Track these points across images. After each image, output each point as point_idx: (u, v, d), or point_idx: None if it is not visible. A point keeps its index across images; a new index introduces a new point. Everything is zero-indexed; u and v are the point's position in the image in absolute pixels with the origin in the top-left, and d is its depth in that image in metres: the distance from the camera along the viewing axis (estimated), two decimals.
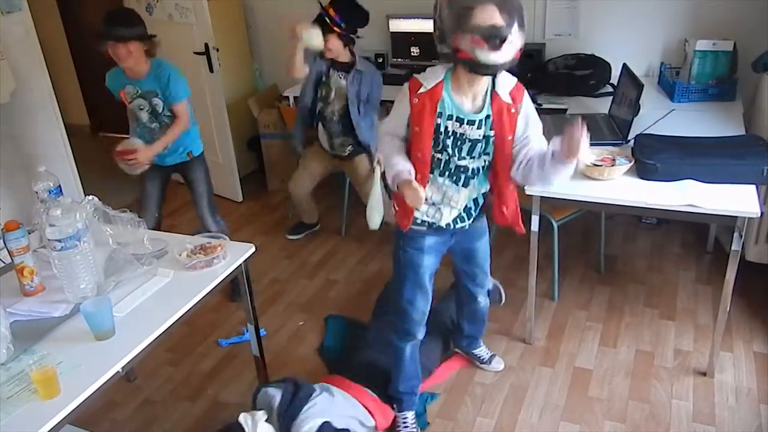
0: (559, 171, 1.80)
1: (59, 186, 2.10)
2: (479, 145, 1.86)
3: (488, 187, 2.02)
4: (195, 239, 2.10)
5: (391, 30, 3.90)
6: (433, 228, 2.02)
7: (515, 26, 1.63)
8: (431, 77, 1.81)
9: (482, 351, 2.59)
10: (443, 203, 1.97)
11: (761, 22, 3.17)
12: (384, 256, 3.44)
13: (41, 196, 2.06)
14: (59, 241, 1.72)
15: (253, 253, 2.08)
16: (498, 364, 2.56)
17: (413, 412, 2.30)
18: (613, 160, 2.37)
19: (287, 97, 3.92)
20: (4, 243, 1.84)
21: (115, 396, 2.55)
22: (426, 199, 1.92)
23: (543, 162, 1.81)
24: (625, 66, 2.92)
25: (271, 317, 3.00)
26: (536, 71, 3.40)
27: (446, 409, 2.39)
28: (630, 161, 2.35)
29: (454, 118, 1.82)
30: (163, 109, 2.75)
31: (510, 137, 1.86)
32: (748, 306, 2.81)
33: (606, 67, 3.37)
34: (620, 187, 2.29)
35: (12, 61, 3.19)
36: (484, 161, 1.92)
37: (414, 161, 1.87)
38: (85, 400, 1.49)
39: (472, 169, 1.91)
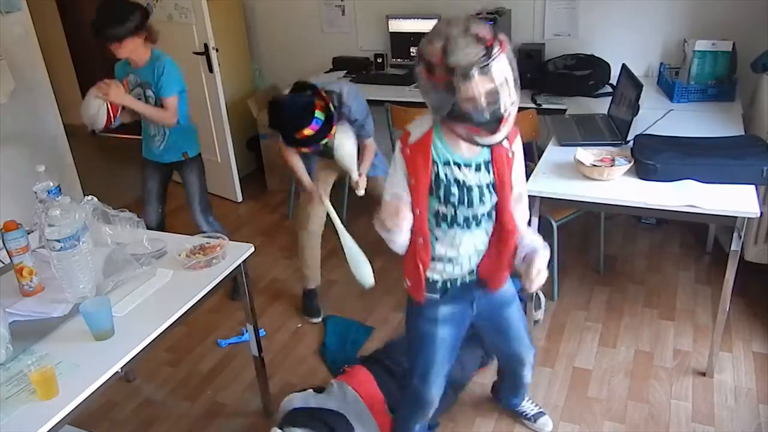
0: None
1: (58, 186, 2.10)
2: (486, 190, 1.68)
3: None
4: (194, 239, 2.10)
5: (390, 30, 3.90)
6: (449, 295, 1.80)
7: (510, 89, 1.45)
8: (419, 126, 1.63)
9: (526, 407, 2.31)
10: (459, 253, 1.75)
11: (760, 23, 3.17)
12: (384, 255, 3.43)
13: (40, 196, 2.06)
14: (58, 241, 1.72)
15: (253, 253, 2.08)
16: (545, 426, 2.26)
17: None
18: (613, 160, 2.37)
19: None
20: (3, 243, 1.84)
21: (115, 396, 2.55)
22: (437, 257, 1.75)
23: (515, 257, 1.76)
24: (624, 66, 2.92)
25: (270, 317, 3.00)
26: (535, 71, 3.40)
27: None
28: (629, 161, 2.35)
29: (452, 163, 1.64)
30: (156, 102, 2.74)
31: (510, 181, 1.70)
32: (748, 306, 2.81)
33: (605, 67, 3.37)
34: (620, 187, 2.29)
35: (11, 61, 3.20)
36: (494, 202, 1.71)
37: (414, 223, 1.67)
38: (84, 400, 1.49)
39: (482, 214, 1.71)
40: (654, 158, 2.29)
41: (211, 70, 3.75)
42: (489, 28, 1.45)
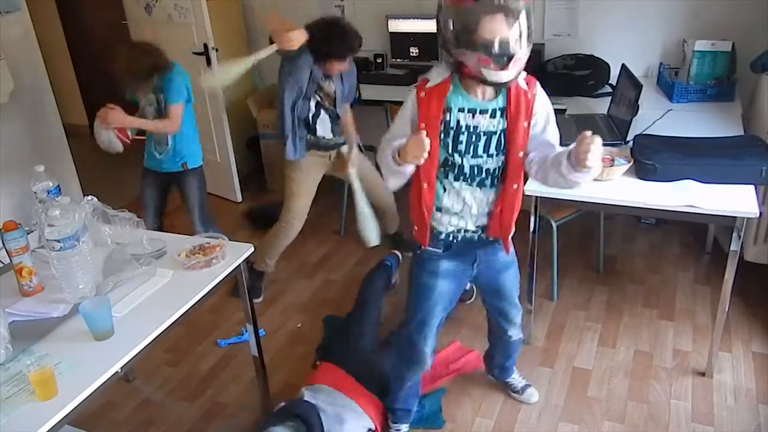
0: (573, 178, 1.64)
1: (58, 186, 2.10)
2: (494, 138, 1.72)
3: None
4: (194, 239, 2.10)
5: (390, 30, 3.90)
6: (452, 250, 1.88)
7: (524, 37, 1.54)
8: (438, 74, 1.71)
9: (515, 379, 2.43)
10: (464, 211, 1.83)
11: (760, 23, 3.17)
12: (382, 256, 3.44)
13: (40, 196, 2.06)
14: (58, 241, 1.71)
15: (252, 253, 2.08)
16: (531, 396, 2.39)
17: (407, 425, 2.27)
18: (612, 160, 2.37)
19: None
20: (3, 243, 1.84)
21: (114, 396, 2.55)
22: (443, 209, 1.82)
23: (558, 164, 1.65)
24: (624, 66, 2.93)
25: (270, 317, 3.00)
26: (535, 71, 3.39)
27: (446, 409, 2.38)
28: (629, 161, 2.35)
29: (466, 110, 1.70)
30: (165, 107, 2.78)
31: (525, 123, 1.71)
32: (747, 306, 2.81)
33: (605, 67, 3.37)
34: (619, 187, 2.29)
35: (11, 61, 3.20)
36: (501, 161, 1.77)
37: (421, 167, 1.72)
38: (83, 400, 1.49)
39: (487, 170, 1.76)
40: (653, 158, 2.29)
41: None
42: None
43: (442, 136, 1.72)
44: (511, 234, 1.89)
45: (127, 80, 2.70)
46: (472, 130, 1.71)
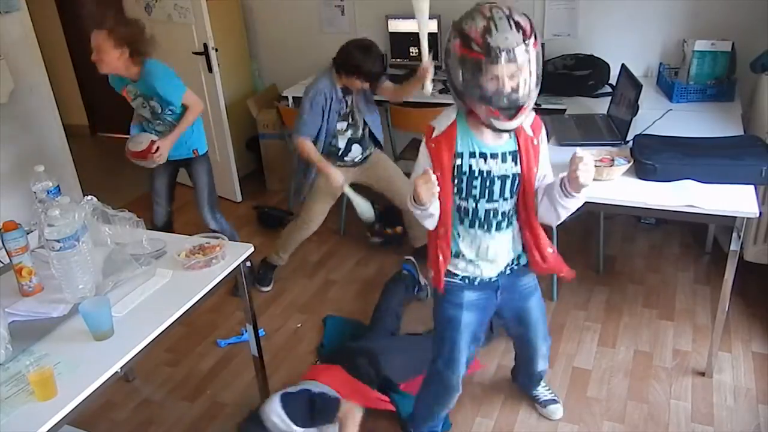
0: (565, 203, 1.67)
1: (58, 186, 2.10)
2: (508, 182, 1.71)
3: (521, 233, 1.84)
4: (194, 239, 2.10)
5: (390, 30, 3.90)
6: (473, 282, 1.86)
7: (532, 85, 1.53)
8: (443, 119, 1.70)
9: (540, 391, 2.36)
10: (479, 257, 1.81)
11: (760, 23, 3.17)
12: (383, 256, 3.44)
13: (40, 196, 2.06)
14: (58, 241, 1.72)
15: (252, 253, 2.08)
16: (553, 413, 2.30)
17: None
18: (612, 160, 2.37)
19: (286, 97, 3.92)
20: (3, 243, 1.84)
21: (114, 396, 2.55)
22: (461, 255, 1.81)
23: (551, 192, 1.69)
24: (623, 66, 2.93)
25: (269, 317, 3.00)
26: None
27: None
28: (629, 161, 2.35)
29: (477, 155, 1.68)
30: (163, 110, 2.77)
31: (535, 170, 1.72)
32: (747, 306, 2.81)
33: (605, 67, 3.37)
34: (619, 187, 2.29)
35: (11, 61, 3.19)
36: (515, 202, 1.76)
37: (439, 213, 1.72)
38: (83, 400, 1.49)
39: (503, 213, 1.75)
40: (653, 158, 2.29)
41: (210, 70, 3.75)
42: (529, 21, 1.53)
43: (455, 181, 1.70)
44: (561, 264, 1.89)
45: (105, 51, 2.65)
46: (485, 175, 1.69)
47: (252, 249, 2.08)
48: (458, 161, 1.68)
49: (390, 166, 3.20)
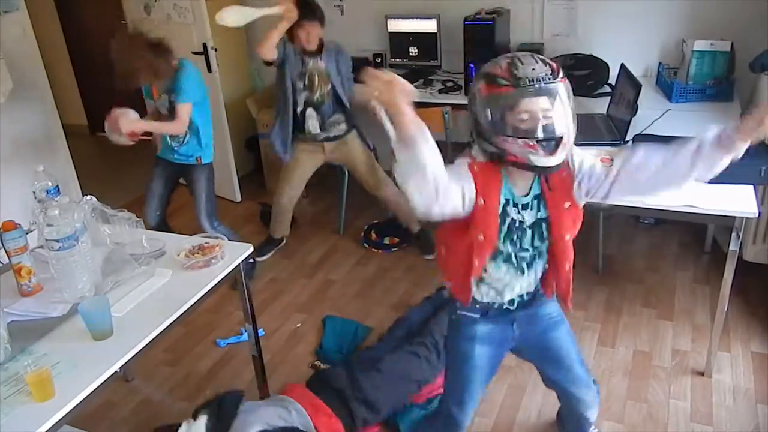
0: (714, 161, 1.55)
1: (57, 186, 2.10)
2: (538, 230, 1.61)
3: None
4: (193, 239, 2.10)
5: (389, 30, 3.90)
6: (488, 314, 1.74)
7: (568, 118, 1.44)
8: (481, 155, 1.55)
9: None
10: (505, 289, 1.70)
11: (759, 23, 3.17)
12: (382, 256, 3.44)
13: (39, 196, 2.06)
14: (57, 241, 1.72)
15: (252, 253, 2.08)
16: None
17: None
18: (611, 160, 2.36)
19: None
20: (2, 243, 1.84)
21: (113, 396, 2.55)
22: (484, 281, 1.69)
23: (699, 151, 1.53)
24: (623, 66, 2.93)
25: (269, 317, 3.00)
26: None
27: None
28: None
29: (511, 204, 1.57)
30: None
31: (568, 204, 1.59)
32: (746, 306, 2.82)
33: (604, 67, 3.37)
34: None
35: (9, 60, 3.19)
36: (548, 242, 1.65)
37: (472, 246, 1.57)
38: (82, 400, 1.49)
39: (533, 255, 1.65)
40: None
41: (210, 70, 3.75)
42: (553, 61, 1.46)
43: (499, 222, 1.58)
44: (569, 290, 1.75)
45: (130, 75, 2.67)
46: (518, 224, 1.59)
47: (251, 249, 2.08)
48: (503, 203, 1.56)
49: (356, 150, 3.29)
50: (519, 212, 1.58)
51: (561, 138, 1.43)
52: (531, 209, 1.59)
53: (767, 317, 2.74)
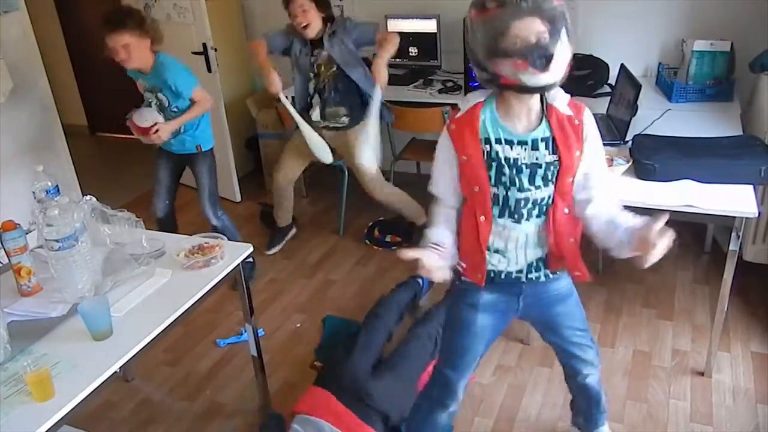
0: (620, 250, 1.60)
1: (57, 186, 2.10)
2: (539, 171, 1.56)
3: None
4: (193, 239, 2.10)
5: (389, 30, 3.89)
6: (495, 282, 1.70)
7: (562, 35, 1.40)
8: (469, 100, 1.58)
9: None
10: (508, 250, 1.66)
11: (759, 23, 3.17)
12: (382, 256, 3.44)
13: (39, 196, 2.06)
14: (57, 241, 1.72)
15: (251, 252, 2.08)
16: None
17: None
18: (611, 160, 2.37)
19: (285, 97, 3.91)
20: (2, 243, 1.84)
21: (113, 396, 2.55)
22: (490, 247, 1.66)
23: (612, 230, 1.60)
24: (623, 66, 2.93)
25: (269, 317, 3.00)
26: None
27: None
28: (628, 161, 2.36)
29: (503, 141, 1.54)
30: (170, 104, 2.81)
31: (578, 153, 1.56)
32: (746, 306, 2.82)
33: (604, 67, 3.37)
34: (618, 187, 2.29)
35: (9, 60, 3.19)
36: (551, 190, 1.59)
37: (473, 201, 1.59)
38: (82, 400, 1.49)
39: (535, 201, 1.59)
40: (652, 158, 2.29)
41: (210, 70, 3.75)
42: None
43: (486, 167, 1.57)
44: (577, 261, 1.71)
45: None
46: (512, 162, 1.55)
47: (251, 249, 2.08)
48: (487, 147, 1.55)
49: (354, 144, 3.15)
50: (513, 149, 1.55)
51: (552, 53, 1.41)
52: (535, 149, 1.54)
53: (767, 317, 2.74)
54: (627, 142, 2.55)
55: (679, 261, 3.21)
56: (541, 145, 1.54)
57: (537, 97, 1.55)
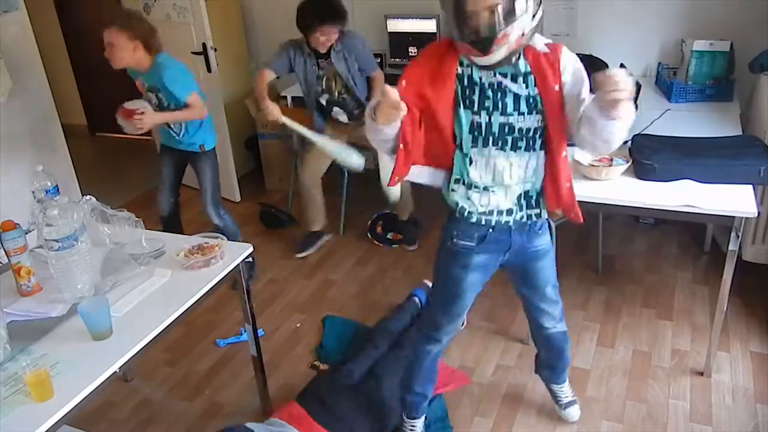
0: (610, 128, 1.52)
1: (56, 185, 2.10)
2: (523, 100, 1.60)
3: (542, 174, 1.73)
4: (193, 239, 2.10)
5: (389, 30, 3.90)
6: (486, 242, 1.77)
7: (510, 13, 1.45)
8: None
9: (563, 390, 2.27)
10: (495, 182, 1.68)
11: (758, 23, 3.17)
12: (382, 256, 3.44)
13: (38, 195, 2.06)
14: (56, 241, 1.72)
15: (251, 253, 2.08)
16: (572, 414, 2.25)
17: (422, 420, 2.19)
18: (611, 160, 2.37)
19: (285, 97, 3.92)
20: (1, 243, 1.84)
21: (113, 396, 2.55)
22: (472, 186, 1.71)
23: (591, 117, 1.54)
24: (622, 66, 2.93)
25: (268, 317, 3.00)
26: None
27: None
28: (627, 161, 2.36)
29: (481, 67, 1.59)
30: (168, 104, 2.81)
31: (557, 87, 1.59)
32: (745, 306, 2.82)
33: (603, 67, 3.35)
34: (618, 187, 2.29)
35: (9, 60, 3.19)
36: (536, 121, 1.62)
37: (430, 131, 1.65)
38: (82, 400, 1.49)
39: (520, 129, 1.62)
40: (652, 158, 2.29)
41: (209, 69, 3.75)
42: None
43: (467, 92, 1.60)
44: (574, 205, 1.77)
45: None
46: (496, 87, 1.59)
47: (251, 249, 2.08)
48: (468, 71, 1.59)
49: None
50: (495, 75, 1.59)
51: (492, 37, 1.46)
52: (514, 81, 1.59)
53: (766, 317, 2.74)
54: (626, 142, 2.55)
55: (679, 261, 3.21)
56: (520, 79, 1.60)
57: None
